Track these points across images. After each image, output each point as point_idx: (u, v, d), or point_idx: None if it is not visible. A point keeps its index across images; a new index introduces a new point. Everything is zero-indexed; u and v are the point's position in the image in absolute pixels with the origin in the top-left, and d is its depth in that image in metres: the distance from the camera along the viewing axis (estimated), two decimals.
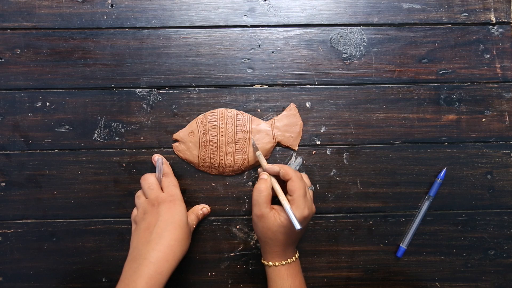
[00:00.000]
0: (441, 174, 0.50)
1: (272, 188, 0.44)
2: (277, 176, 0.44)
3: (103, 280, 0.50)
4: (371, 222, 0.51)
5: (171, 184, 0.46)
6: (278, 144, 0.49)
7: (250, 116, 0.49)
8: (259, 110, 0.50)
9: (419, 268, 0.51)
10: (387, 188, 0.51)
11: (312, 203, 0.44)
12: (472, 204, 0.51)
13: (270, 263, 0.44)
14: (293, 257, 0.44)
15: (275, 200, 0.44)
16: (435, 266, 0.51)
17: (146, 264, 0.38)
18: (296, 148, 0.50)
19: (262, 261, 0.45)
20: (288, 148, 0.50)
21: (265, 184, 0.43)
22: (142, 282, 0.37)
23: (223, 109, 0.49)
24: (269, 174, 0.44)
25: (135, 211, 0.46)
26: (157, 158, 0.48)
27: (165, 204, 0.43)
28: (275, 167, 0.44)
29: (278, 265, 0.43)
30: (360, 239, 0.51)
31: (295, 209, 0.41)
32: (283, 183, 0.44)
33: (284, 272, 0.43)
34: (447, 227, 0.51)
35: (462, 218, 0.51)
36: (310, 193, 0.44)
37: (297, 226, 0.40)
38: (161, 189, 0.46)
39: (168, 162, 0.48)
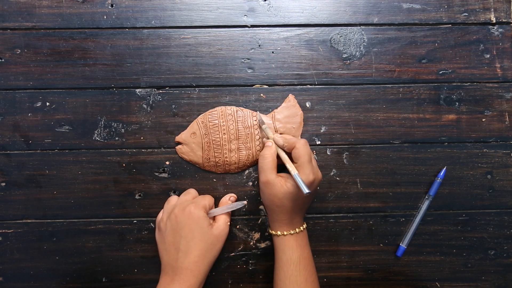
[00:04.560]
0: (441, 174, 0.50)
1: (279, 157, 0.44)
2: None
3: (103, 280, 0.50)
4: (371, 222, 0.51)
5: (203, 196, 0.45)
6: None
7: (250, 111, 0.49)
8: (258, 110, 0.50)
9: (419, 268, 0.51)
10: (387, 188, 0.51)
11: (318, 169, 0.44)
12: (472, 204, 0.51)
13: (279, 232, 0.44)
14: (301, 227, 0.44)
15: (282, 169, 0.44)
16: (435, 266, 0.51)
17: (177, 279, 0.42)
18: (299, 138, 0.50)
19: (270, 231, 0.45)
20: None
21: (269, 151, 0.44)
22: None
23: (222, 107, 0.49)
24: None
25: (160, 215, 0.47)
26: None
27: (184, 214, 0.43)
28: (279, 140, 0.45)
29: (287, 234, 0.43)
30: (360, 239, 0.51)
31: (301, 175, 0.41)
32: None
33: (293, 242, 0.43)
34: (447, 227, 0.51)
35: (462, 218, 0.51)
36: (314, 160, 0.44)
37: (305, 190, 0.39)
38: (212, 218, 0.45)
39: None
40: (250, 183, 0.50)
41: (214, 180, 0.50)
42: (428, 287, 0.51)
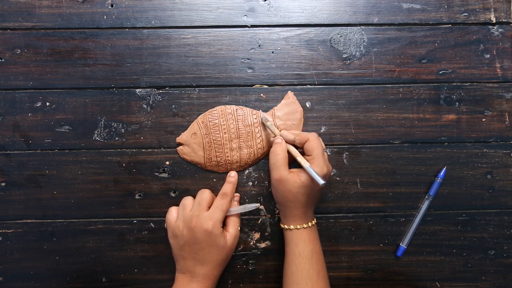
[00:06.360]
0: (441, 174, 0.50)
1: (288, 153, 0.45)
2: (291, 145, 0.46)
3: (103, 280, 0.50)
4: (371, 222, 0.51)
5: (219, 207, 0.45)
6: None
7: (250, 109, 0.49)
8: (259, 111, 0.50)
9: (419, 268, 0.51)
10: (387, 188, 0.51)
11: (328, 162, 0.45)
12: (472, 204, 0.51)
13: (292, 226, 0.44)
14: (313, 221, 0.45)
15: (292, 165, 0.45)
16: (435, 266, 0.51)
17: (196, 281, 0.44)
18: None
19: (281, 225, 0.46)
20: None
21: (280, 147, 0.44)
22: None
23: (222, 107, 0.49)
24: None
25: (173, 215, 0.46)
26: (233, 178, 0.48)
27: (201, 231, 0.44)
28: (290, 135, 0.45)
29: (300, 228, 0.44)
30: (360, 239, 0.51)
31: (315, 167, 0.42)
32: (298, 149, 0.45)
33: (306, 236, 0.44)
34: (447, 227, 0.51)
35: (462, 218, 0.51)
36: (326, 153, 0.45)
37: (320, 182, 0.40)
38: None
39: (234, 182, 0.48)
40: (250, 183, 0.50)
41: (214, 180, 0.50)
42: (428, 287, 0.51)
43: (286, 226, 0.45)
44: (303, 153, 0.45)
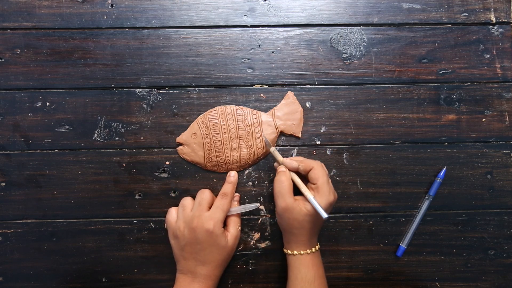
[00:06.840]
0: (441, 174, 0.50)
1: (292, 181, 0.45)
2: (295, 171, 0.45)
3: (103, 280, 0.50)
4: (371, 222, 0.51)
5: (220, 207, 0.45)
6: (282, 133, 0.49)
7: (250, 109, 0.49)
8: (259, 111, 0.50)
9: (419, 268, 0.51)
10: (387, 188, 0.51)
11: (334, 189, 0.44)
12: (472, 204, 0.51)
13: (295, 252, 0.44)
14: (316, 247, 0.45)
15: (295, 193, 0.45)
16: (435, 266, 0.51)
17: (197, 281, 0.44)
18: (300, 135, 0.49)
19: (285, 250, 0.46)
20: (292, 136, 0.50)
21: (285, 176, 0.44)
22: None
23: (222, 107, 0.49)
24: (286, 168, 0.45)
25: (173, 216, 0.46)
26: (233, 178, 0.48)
27: (203, 231, 0.44)
28: (293, 163, 0.44)
29: (304, 253, 0.44)
30: (360, 239, 0.51)
31: (321, 197, 0.42)
32: (300, 175, 0.45)
33: (309, 262, 0.44)
34: (447, 227, 0.51)
35: (462, 218, 0.51)
36: (330, 181, 0.45)
37: (324, 215, 0.40)
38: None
39: (234, 182, 0.48)
40: (250, 183, 0.50)
41: (214, 180, 0.50)
42: (428, 287, 0.51)
43: (289, 252, 0.45)
44: (307, 180, 0.45)
